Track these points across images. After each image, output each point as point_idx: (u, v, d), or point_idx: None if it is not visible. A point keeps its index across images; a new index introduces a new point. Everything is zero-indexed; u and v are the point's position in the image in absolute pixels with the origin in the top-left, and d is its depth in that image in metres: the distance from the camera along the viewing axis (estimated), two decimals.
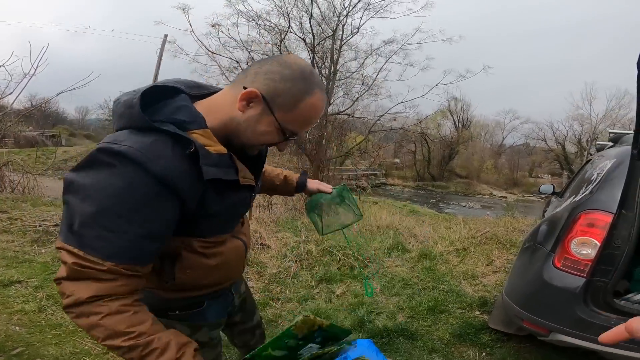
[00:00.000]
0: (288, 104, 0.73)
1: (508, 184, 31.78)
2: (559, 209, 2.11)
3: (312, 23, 8.32)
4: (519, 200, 23.39)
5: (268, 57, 0.79)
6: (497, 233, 4.61)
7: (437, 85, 8.68)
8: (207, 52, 8.06)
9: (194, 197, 0.72)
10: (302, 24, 8.53)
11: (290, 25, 8.31)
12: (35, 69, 4.80)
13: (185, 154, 0.68)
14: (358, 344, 1.99)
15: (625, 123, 24.35)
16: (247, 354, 1.41)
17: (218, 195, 0.76)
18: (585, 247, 1.71)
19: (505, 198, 25.91)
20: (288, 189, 1.26)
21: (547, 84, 59.46)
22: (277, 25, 8.41)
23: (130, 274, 0.69)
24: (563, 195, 2.98)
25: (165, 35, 12.89)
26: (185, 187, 0.69)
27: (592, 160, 2.56)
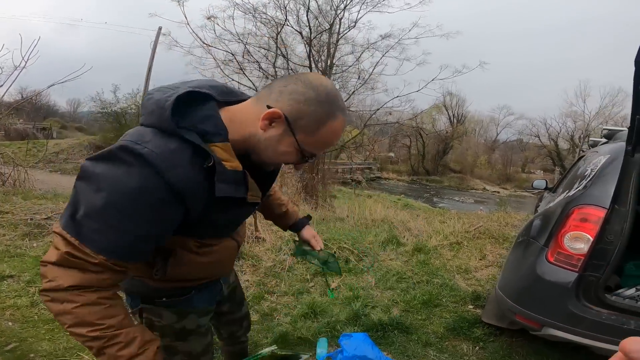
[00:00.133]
0: (310, 127, 0.73)
1: (501, 179, 32.07)
2: (552, 204, 2.12)
3: (309, 16, 8.22)
4: (512, 196, 23.62)
5: (293, 74, 0.78)
6: (490, 228, 4.65)
7: (433, 80, 8.65)
8: (202, 44, 7.94)
9: (200, 207, 0.73)
10: (299, 17, 8.44)
11: (287, 18, 8.22)
12: (26, 62, 4.73)
13: (203, 167, 0.69)
14: (354, 337, 2.01)
15: (618, 120, 24.58)
16: (231, 345, 1.45)
17: (223, 208, 0.77)
18: (578, 241, 1.73)
19: (498, 193, 26.13)
20: (283, 223, 1.27)
21: (542, 82, 59.79)
22: (273, 18, 8.30)
23: (118, 269, 0.70)
24: (556, 191, 3.00)
25: (160, 28, 12.73)
26: (194, 198, 0.71)
27: (585, 156, 2.58)
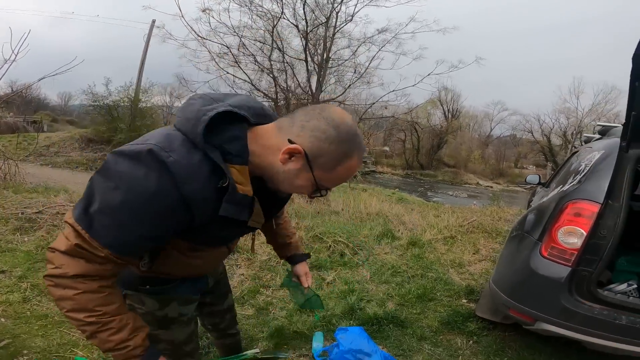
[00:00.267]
0: (328, 165, 0.76)
1: (494, 174, 32.32)
2: (546, 199, 2.13)
3: (305, 9, 8.11)
4: (504, 190, 23.82)
5: (317, 107, 0.79)
6: (483, 222, 4.68)
7: (429, 75, 8.62)
8: (196, 37, 7.81)
9: (204, 219, 0.77)
10: (295, 10, 8.32)
11: (284, 11, 8.10)
12: (16, 55, 4.62)
13: (217, 186, 0.74)
14: (349, 331, 2.02)
15: (610, 117, 24.76)
16: (221, 338, 1.47)
17: (223, 225, 0.80)
18: (572, 236, 1.74)
19: (491, 188, 26.33)
20: (282, 253, 1.32)
21: (537, 79, 60.05)
22: (269, 11, 8.18)
23: (119, 262, 0.75)
24: (549, 186, 3.03)
25: (153, 21, 12.54)
26: (201, 212, 0.75)
27: (578, 152, 2.60)
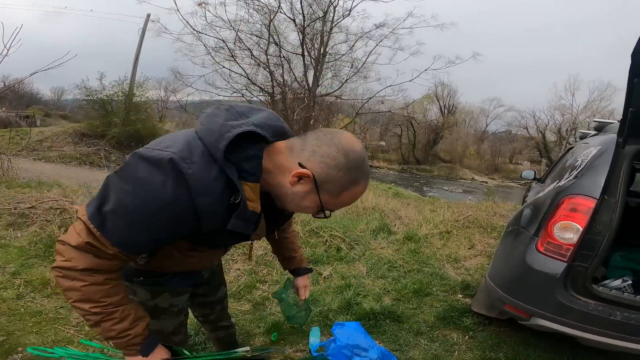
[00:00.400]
0: (335, 190, 0.79)
1: (489, 170, 32.44)
2: (542, 194, 2.13)
3: (302, 3, 8.08)
4: (499, 186, 23.96)
5: (328, 132, 0.80)
6: (478, 217, 4.71)
7: (426, 70, 8.64)
8: (192, 31, 7.73)
9: (210, 229, 0.80)
10: (292, 4, 8.27)
11: (281, 5, 8.05)
12: (8, 50, 4.55)
13: (229, 201, 0.76)
14: (346, 326, 2.02)
15: (605, 114, 24.80)
16: (214, 330, 1.50)
17: (226, 235, 0.83)
18: (568, 231, 1.74)
19: (486, 183, 26.47)
20: (286, 265, 1.37)
21: (533, 76, 60.09)
22: (266, 5, 8.13)
23: (126, 259, 0.79)
24: (544, 181, 3.04)
25: (148, 15, 12.38)
26: (209, 223, 0.78)
27: (574, 148, 2.60)
